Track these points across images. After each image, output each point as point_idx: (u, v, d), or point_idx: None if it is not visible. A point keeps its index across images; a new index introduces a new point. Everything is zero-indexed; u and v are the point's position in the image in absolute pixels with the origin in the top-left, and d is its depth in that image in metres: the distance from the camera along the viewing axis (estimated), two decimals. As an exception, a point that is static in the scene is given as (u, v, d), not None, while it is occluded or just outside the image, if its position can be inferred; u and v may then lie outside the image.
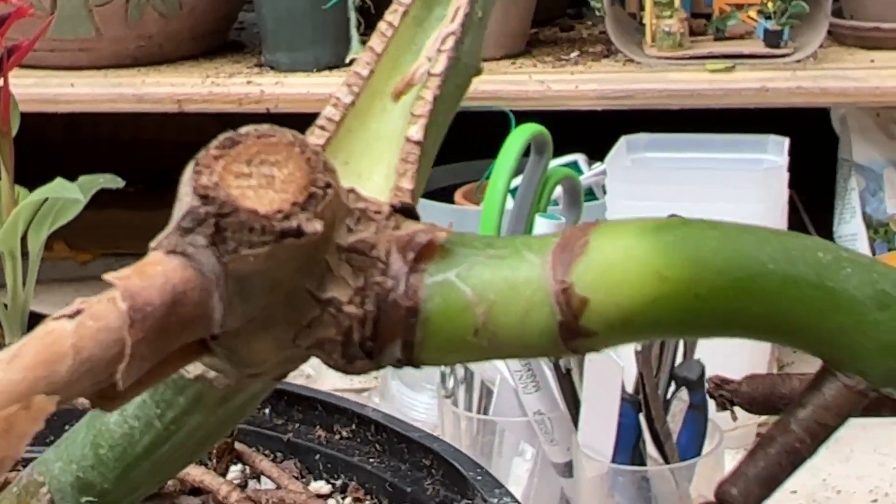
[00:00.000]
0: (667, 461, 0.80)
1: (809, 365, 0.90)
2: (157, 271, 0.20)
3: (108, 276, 0.20)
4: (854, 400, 0.20)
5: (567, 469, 0.85)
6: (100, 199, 1.77)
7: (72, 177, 1.14)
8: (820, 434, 0.20)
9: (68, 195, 1.04)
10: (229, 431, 0.26)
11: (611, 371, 0.76)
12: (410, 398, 1.18)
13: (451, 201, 1.26)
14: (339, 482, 0.50)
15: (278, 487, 0.49)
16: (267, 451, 0.51)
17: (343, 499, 0.49)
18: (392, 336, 0.19)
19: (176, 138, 1.72)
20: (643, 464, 0.80)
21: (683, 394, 0.82)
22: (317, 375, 1.24)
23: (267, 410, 0.51)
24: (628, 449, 0.79)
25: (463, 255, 0.19)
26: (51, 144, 1.44)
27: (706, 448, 0.82)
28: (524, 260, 0.19)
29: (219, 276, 0.19)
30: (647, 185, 1.09)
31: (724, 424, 1.08)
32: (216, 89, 1.28)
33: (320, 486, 0.50)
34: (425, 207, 1.23)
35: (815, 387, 0.20)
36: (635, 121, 1.21)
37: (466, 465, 0.46)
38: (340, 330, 0.19)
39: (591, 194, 1.25)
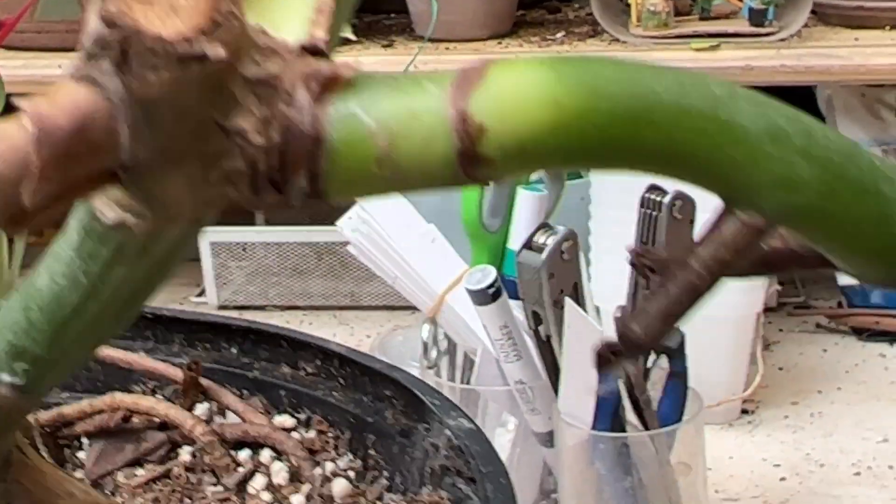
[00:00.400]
0: (646, 428, 0.80)
1: (796, 344, 0.91)
2: (65, 97, 0.20)
3: (20, 103, 0.20)
4: (751, 236, 0.20)
5: (549, 438, 0.86)
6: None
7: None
8: (718, 271, 0.20)
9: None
10: (154, 289, 0.26)
11: (589, 336, 0.76)
12: (397, 376, 1.18)
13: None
14: (303, 416, 0.50)
15: (243, 422, 0.49)
16: (234, 389, 0.51)
17: (307, 431, 0.49)
18: (297, 167, 0.20)
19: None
20: (623, 431, 0.81)
21: (664, 362, 0.83)
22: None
23: (234, 349, 0.52)
24: (608, 416, 0.80)
25: (368, 88, 0.20)
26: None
27: (686, 415, 0.82)
28: (425, 91, 0.20)
29: (125, 102, 0.19)
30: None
31: (707, 399, 1.09)
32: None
33: (284, 420, 0.51)
34: (423, 204, 1.24)
35: (716, 225, 0.21)
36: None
37: (425, 392, 0.47)
38: (247, 161, 0.20)
39: (576, 173, 1.25)
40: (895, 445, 1.07)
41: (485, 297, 0.81)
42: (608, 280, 0.98)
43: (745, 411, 1.14)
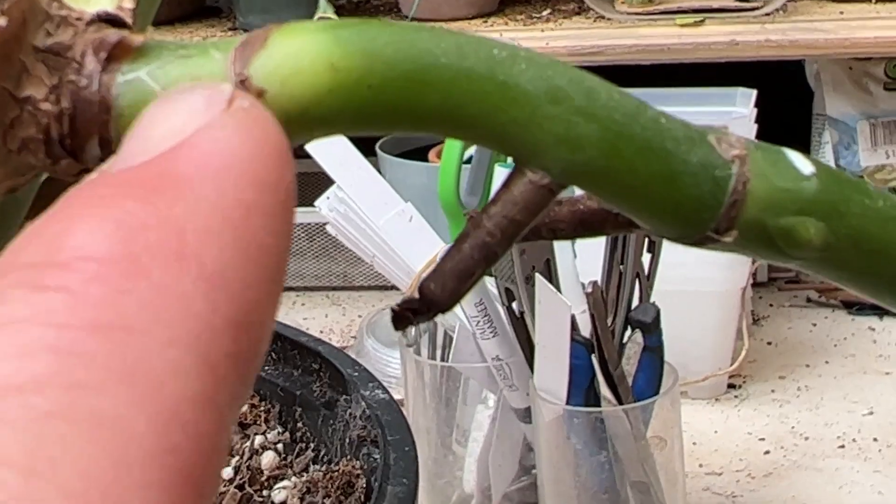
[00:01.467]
0: (621, 402, 0.81)
1: (785, 318, 0.91)
2: None
3: None
4: (541, 195, 0.20)
5: (527, 415, 0.86)
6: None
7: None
8: (509, 229, 0.20)
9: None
10: None
11: (560, 312, 0.77)
12: (385, 355, 1.19)
13: (426, 160, 1.28)
14: None
15: None
16: None
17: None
18: (89, 133, 0.20)
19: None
20: (598, 406, 0.81)
21: (638, 337, 0.83)
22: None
23: None
24: (582, 391, 0.80)
25: (156, 55, 0.20)
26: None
27: (662, 389, 0.83)
28: (209, 57, 0.20)
29: None
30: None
31: (694, 375, 1.10)
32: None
33: None
34: (401, 166, 1.25)
35: (506, 184, 0.21)
36: (606, 77, 1.22)
37: (346, 364, 0.47)
38: (40, 128, 0.20)
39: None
40: (881, 418, 1.07)
41: (459, 274, 0.81)
42: (593, 257, 0.99)
43: (731, 386, 1.14)
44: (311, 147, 0.93)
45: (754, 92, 1.14)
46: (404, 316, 0.21)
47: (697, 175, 0.21)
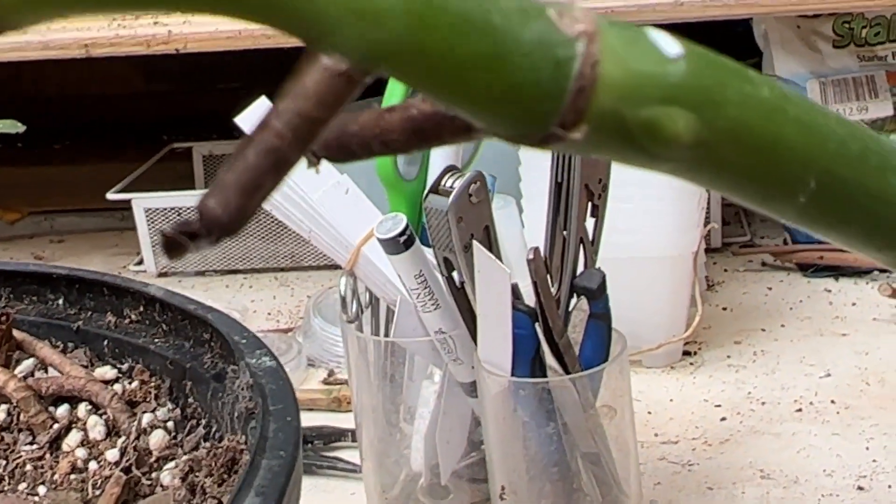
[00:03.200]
0: (567, 372, 0.79)
1: (741, 283, 0.89)
2: None
3: None
4: (339, 85, 0.18)
5: (474, 389, 0.84)
6: (24, 158, 1.75)
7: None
8: (303, 127, 0.17)
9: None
10: None
11: (500, 280, 0.75)
12: (332, 334, 1.17)
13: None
14: (125, 366, 0.48)
15: (61, 375, 0.47)
16: (58, 342, 0.49)
17: (130, 383, 0.48)
18: None
19: (87, 90, 1.69)
20: (545, 376, 0.79)
21: (584, 304, 0.81)
22: (243, 318, 1.22)
23: (60, 301, 0.50)
24: (528, 361, 0.78)
25: None
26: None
27: (610, 357, 0.80)
28: None
29: None
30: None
31: (648, 343, 1.08)
32: (123, 31, 1.26)
33: (105, 372, 0.49)
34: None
35: (297, 76, 0.18)
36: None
37: (235, 331, 0.45)
38: None
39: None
40: (838, 379, 1.05)
41: (396, 245, 0.79)
42: (540, 225, 0.96)
43: (686, 353, 1.12)
44: (244, 124, 0.90)
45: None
46: (178, 241, 0.18)
47: (533, 55, 0.17)
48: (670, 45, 0.19)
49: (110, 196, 1.40)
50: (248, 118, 0.89)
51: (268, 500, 0.36)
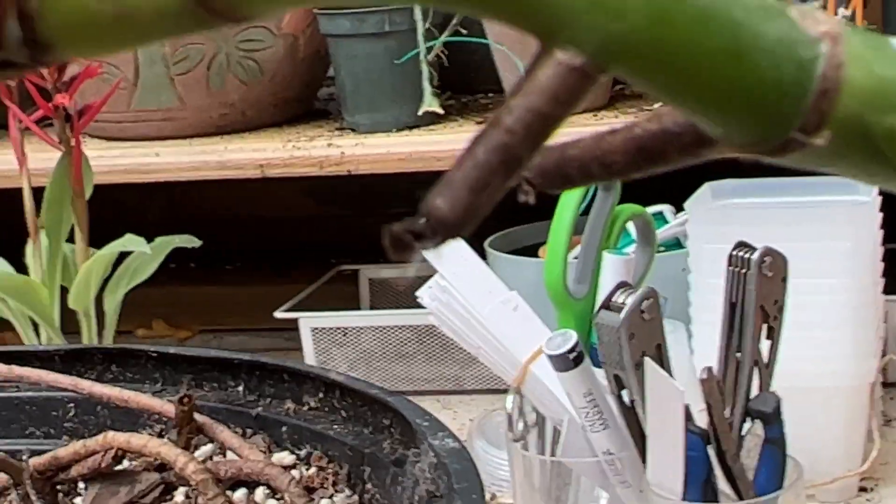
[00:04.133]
0: (741, 498, 0.76)
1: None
2: None
3: None
4: (573, 80, 0.17)
5: (642, 513, 0.82)
6: (197, 277, 1.80)
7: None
8: (535, 124, 0.16)
9: (136, 248, 1.05)
10: None
11: (673, 399, 0.73)
12: (495, 457, 1.15)
13: (536, 257, 1.25)
14: (303, 452, 0.48)
15: (239, 459, 0.47)
16: (237, 428, 0.49)
17: (307, 469, 0.47)
18: (5, 5, 0.17)
19: (260, 212, 1.73)
20: (716, 501, 0.77)
21: (759, 428, 0.79)
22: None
23: (240, 388, 0.50)
24: (699, 486, 0.76)
25: None
26: (149, 226, 1.47)
27: (785, 484, 0.78)
28: None
29: None
30: (730, 226, 1.05)
31: (822, 476, 1.04)
32: (297, 153, 1.29)
33: (283, 457, 0.48)
34: (510, 262, 1.22)
35: (530, 71, 0.17)
36: (721, 169, 1.18)
37: (416, 414, 0.44)
38: None
39: (677, 244, 1.22)
40: None
41: (566, 362, 0.78)
42: (710, 351, 0.94)
43: (862, 489, 1.08)
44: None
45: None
46: (404, 240, 0.17)
47: (775, 52, 0.17)
48: (917, 44, 0.18)
49: (278, 315, 1.42)
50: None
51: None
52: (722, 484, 0.77)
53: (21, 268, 1.11)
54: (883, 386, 1.20)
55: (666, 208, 1.24)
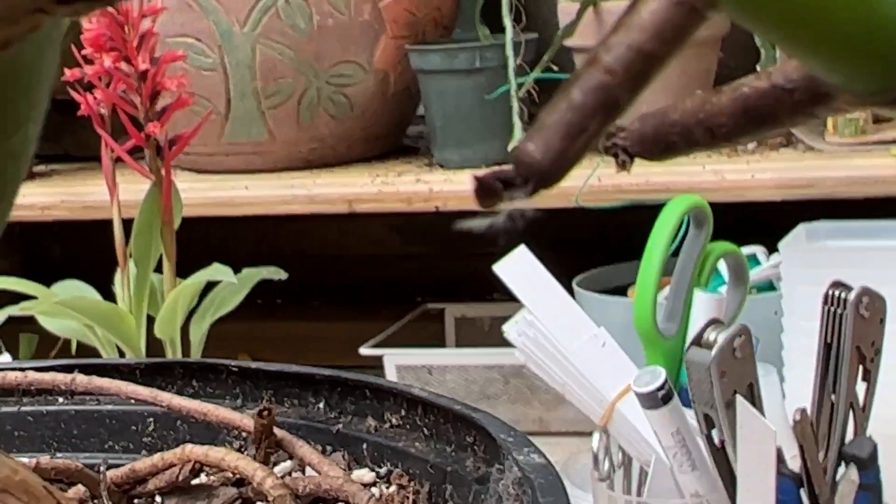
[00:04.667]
0: (834, 544, 0.74)
1: None
2: None
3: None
4: (679, 16, 0.15)
5: (730, 558, 0.80)
6: (282, 313, 1.80)
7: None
8: (636, 64, 0.15)
9: (223, 278, 1.05)
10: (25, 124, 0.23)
11: (765, 440, 0.71)
12: (581, 499, 1.13)
13: (625, 296, 1.23)
14: (383, 469, 0.47)
15: (318, 475, 0.46)
16: (317, 445, 0.48)
17: (388, 487, 0.46)
18: None
19: (347, 248, 1.74)
20: (808, 546, 0.74)
21: (853, 473, 0.76)
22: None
23: (321, 404, 0.49)
24: (791, 530, 0.74)
25: None
26: (236, 259, 1.47)
27: (880, 533, 0.75)
28: None
29: None
30: (825, 269, 1.03)
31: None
32: (385, 188, 1.29)
33: (363, 475, 0.47)
34: (600, 302, 1.21)
35: (632, 5, 0.16)
36: (816, 211, 1.16)
37: (500, 430, 0.43)
38: None
39: (770, 287, 1.20)
40: None
41: (654, 399, 0.77)
42: (803, 395, 0.92)
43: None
44: (502, 272, 0.90)
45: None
46: (492, 187, 0.16)
47: None
48: None
49: (363, 351, 1.42)
50: (507, 267, 0.89)
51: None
52: (814, 529, 0.75)
53: (109, 296, 1.12)
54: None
55: (759, 250, 1.22)
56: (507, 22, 1.25)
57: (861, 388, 0.78)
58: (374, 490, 0.45)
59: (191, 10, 1.32)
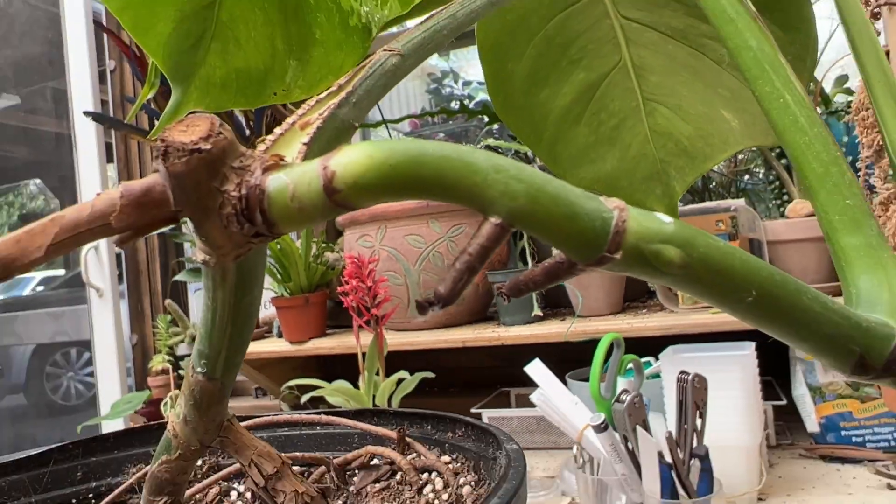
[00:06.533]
0: (689, 496, 0.69)
1: (788, 463, 0.77)
2: (143, 179, 0.20)
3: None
4: (498, 231, 0.17)
5: (642, 506, 0.75)
6: (434, 393, 1.73)
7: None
8: (481, 252, 0.16)
9: (406, 376, 1.04)
10: (246, 306, 0.22)
11: (653, 449, 0.68)
12: (569, 478, 1.08)
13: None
14: (455, 455, 0.45)
15: (425, 458, 0.45)
16: (426, 445, 0.47)
17: (456, 463, 0.45)
18: (254, 207, 0.18)
19: (463, 363, 1.70)
20: (676, 498, 0.70)
21: (698, 462, 0.72)
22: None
23: (428, 427, 0.48)
24: (668, 491, 0.70)
25: (290, 167, 0.19)
26: (412, 370, 1.46)
27: (713, 493, 0.70)
28: (313, 164, 0.18)
29: (167, 178, 0.19)
30: (679, 366, 0.99)
31: (734, 490, 0.93)
32: (481, 335, 1.27)
33: (445, 458, 0.46)
34: (577, 384, 1.17)
35: (479, 228, 0.17)
36: (676, 340, 1.13)
37: (500, 434, 0.42)
38: (232, 207, 0.18)
39: (656, 375, 1.15)
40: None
41: (600, 428, 0.74)
42: (671, 425, 0.88)
43: (760, 499, 0.96)
44: (530, 371, 0.88)
45: (753, 344, 1.01)
46: (424, 305, 0.18)
47: (591, 215, 0.17)
48: (666, 218, 0.18)
49: (472, 410, 1.37)
50: (531, 369, 0.88)
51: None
52: (680, 490, 0.70)
53: (356, 386, 1.12)
54: (768, 446, 1.09)
55: (651, 358, 1.18)
56: (530, 261, 1.26)
57: (699, 422, 0.74)
58: (451, 466, 0.44)
59: (391, 259, 1.36)
